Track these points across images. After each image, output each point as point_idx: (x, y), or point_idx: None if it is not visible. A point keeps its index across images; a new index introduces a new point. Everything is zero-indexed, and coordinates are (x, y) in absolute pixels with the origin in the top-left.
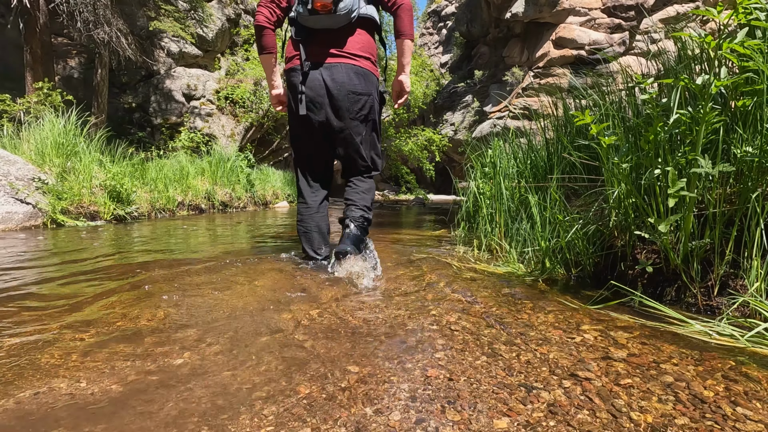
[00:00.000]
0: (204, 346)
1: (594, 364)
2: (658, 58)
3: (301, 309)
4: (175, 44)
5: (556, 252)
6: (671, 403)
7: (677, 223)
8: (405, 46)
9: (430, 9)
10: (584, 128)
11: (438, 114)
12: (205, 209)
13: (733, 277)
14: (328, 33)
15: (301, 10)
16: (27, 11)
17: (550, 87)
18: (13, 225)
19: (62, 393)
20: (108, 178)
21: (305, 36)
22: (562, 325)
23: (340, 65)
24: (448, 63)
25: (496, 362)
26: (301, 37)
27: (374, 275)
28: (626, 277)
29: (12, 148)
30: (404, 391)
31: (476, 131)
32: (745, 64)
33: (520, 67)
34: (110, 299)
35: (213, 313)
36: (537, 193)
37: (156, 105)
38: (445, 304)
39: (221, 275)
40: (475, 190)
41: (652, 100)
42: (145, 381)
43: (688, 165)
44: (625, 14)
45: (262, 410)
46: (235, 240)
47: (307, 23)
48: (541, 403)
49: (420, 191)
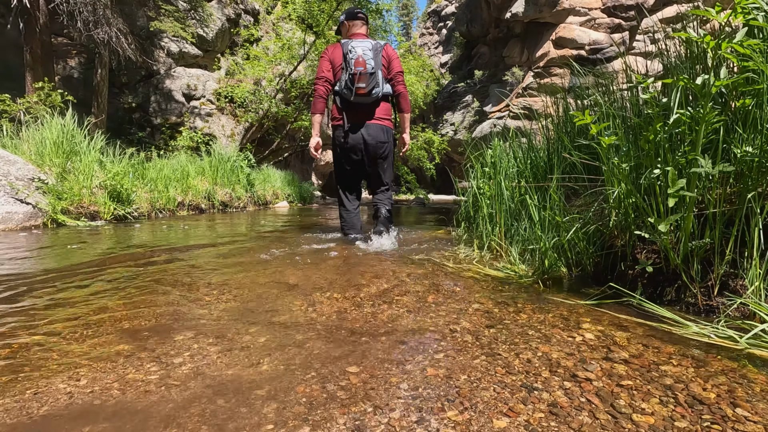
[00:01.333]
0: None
1: (595, 365)
2: (658, 57)
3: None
4: (175, 44)
5: (556, 252)
6: (671, 405)
7: (677, 222)
8: (404, 119)
9: (430, 9)
10: (584, 128)
11: (438, 114)
12: (205, 209)
13: (733, 277)
14: (363, 105)
15: (346, 92)
16: (27, 11)
17: (551, 86)
18: (13, 225)
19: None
20: (108, 178)
21: (347, 107)
22: (562, 325)
23: (373, 125)
24: (448, 63)
25: (495, 362)
26: (344, 107)
27: (394, 246)
28: (626, 277)
29: (12, 148)
30: (403, 391)
31: (476, 131)
32: (744, 63)
33: (520, 67)
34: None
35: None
36: (537, 192)
37: (156, 105)
38: (445, 304)
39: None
40: (475, 190)
41: (652, 99)
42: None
43: (688, 165)
44: (625, 14)
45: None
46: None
47: (351, 101)
48: (541, 403)
49: (420, 191)
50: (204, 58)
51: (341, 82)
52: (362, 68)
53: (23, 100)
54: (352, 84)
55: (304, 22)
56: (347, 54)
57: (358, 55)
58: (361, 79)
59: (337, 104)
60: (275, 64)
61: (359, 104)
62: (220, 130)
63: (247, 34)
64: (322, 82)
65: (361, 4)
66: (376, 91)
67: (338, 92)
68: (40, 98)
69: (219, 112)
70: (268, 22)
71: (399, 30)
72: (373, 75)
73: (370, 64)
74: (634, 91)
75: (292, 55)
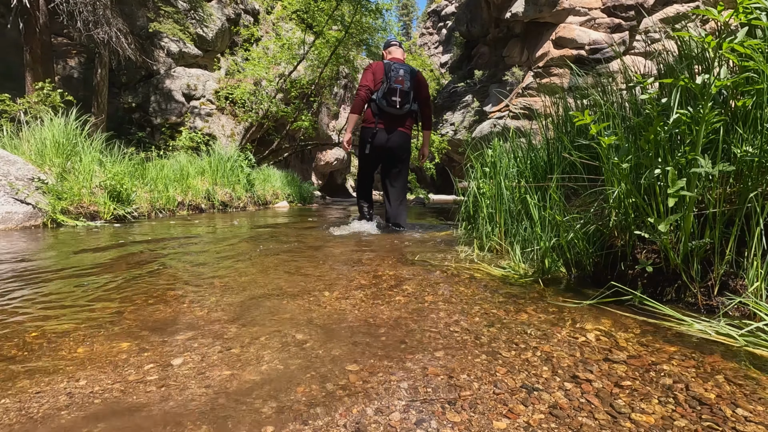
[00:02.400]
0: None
1: (595, 365)
2: (657, 57)
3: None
4: (175, 44)
5: (556, 252)
6: (671, 405)
7: (677, 222)
8: (427, 135)
9: (430, 9)
10: (584, 128)
11: (438, 114)
12: (205, 209)
13: (733, 277)
14: (395, 115)
15: (385, 104)
16: (27, 11)
17: (551, 86)
18: (13, 225)
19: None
20: (108, 178)
21: (381, 114)
22: (562, 324)
23: (400, 132)
24: (448, 63)
25: (495, 362)
26: (379, 113)
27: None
28: (626, 277)
29: (12, 148)
30: (403, 391)
31: (476, 131)
32: (745, 63)
33: (520, 67)
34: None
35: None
36: (537, 192)
37: (156, 105)
38: (445, 304)
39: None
40: (475, 190)
41: (652, 99)
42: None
43: (688, 165)
44: (625, 14)
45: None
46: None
47: (384, 109)
48: (541, 404)
49: (420, 191)
50: (204, 58)
51: (379, 92)
52: (401, 86)
53: (23, 100)
54: (391, 97)
55: (303, 21)
56: (389, 72)
57: (400, 75)
58: (399, 95)
59: (373, 110)
60: (275, 64)
61: (392, 114)
62: (220, 130)
63: (247, 34)
64: (365, 90)
65: (361, 3)
66: (407, 107)
67: (375, 100)
68: (40, 98)
69: (219, 112)
70: (268, 22)
71: (399, 30)
72: (408, 93)
73: (407, 84)
74: (634, 91)
75: (292, 54)
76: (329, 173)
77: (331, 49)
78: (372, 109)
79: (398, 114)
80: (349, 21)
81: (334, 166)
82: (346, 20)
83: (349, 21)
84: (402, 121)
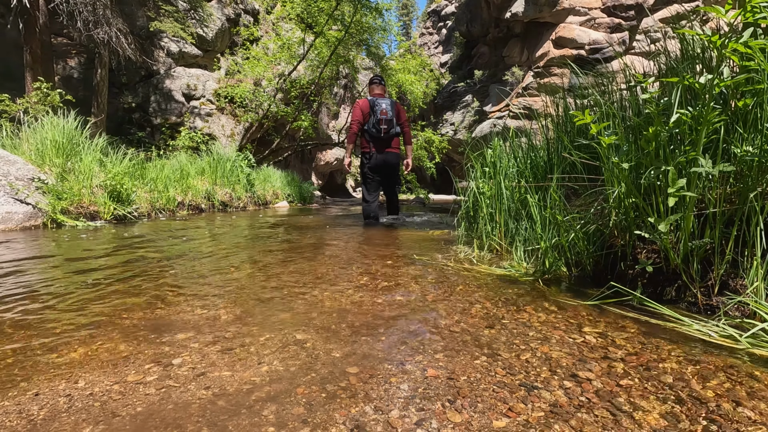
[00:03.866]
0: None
1: (594, 364)
2: (657, 57)
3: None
4: (174, 44)
5: (557, 251)
6: (671, 403)
7: (677, 222)
8: (409, 149)
9: (430, 9)
10: (584, 128)
11: (438, 114)
12: (205, 209)
13: (734, 277)
14: (384, 139)
15: (374, 131)
16: (27, 11)
17: (551, 86)
18: (13, 225)
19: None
20: (108, 178)
21: (372, 140)
22: (562, 324)
23: (390, 153)
24: (448, 63)
25: (495, 362)
26: (371, 140)
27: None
28: (626, 277)
29: (12, 148)
30: (404, 391)
31: (476, 131)
32: (746, 63)
33: (520, 67)
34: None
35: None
36: (537, 192)
37: (156, 105)
38: (445, 304)
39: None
40: (475, 190)
41: (652, 99)
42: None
43: (689, 164)
44: (625, 14)
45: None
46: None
47: (375, 136)
48: (541, 402)
49: (420, 191)
50: (204, 58)
51: (369, 123)
52: (386, 116)
53: (23, 100)
54: (379, 125)
55: (303, 21)
56: (374, 106)
57: (384, 108)
58: (385, 123)
59: (366, 138)
60: (275, 63)
61: (382, 138)
62: (220, 130)
63: (247, 33)
64: (356, 124)
65: (361, 3)
66: (393, 131)
67: (367, 130)
68: (39, 98)
69: (219, 112)
70: (267, 22)
71: (399, 30)
72: (391, 120)
73: (389, 114)
74: (634, 91)
75: (292, 54)
76: (329, 173)
77: (331, 48)
78: (365, 137)
79: (386, 138)
80: (349, 21)
81: (334, 166)
82: (346, 20)
83: (349, 21)
84: (389, 143)
